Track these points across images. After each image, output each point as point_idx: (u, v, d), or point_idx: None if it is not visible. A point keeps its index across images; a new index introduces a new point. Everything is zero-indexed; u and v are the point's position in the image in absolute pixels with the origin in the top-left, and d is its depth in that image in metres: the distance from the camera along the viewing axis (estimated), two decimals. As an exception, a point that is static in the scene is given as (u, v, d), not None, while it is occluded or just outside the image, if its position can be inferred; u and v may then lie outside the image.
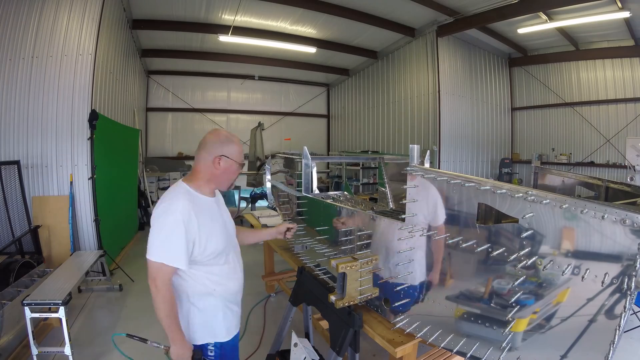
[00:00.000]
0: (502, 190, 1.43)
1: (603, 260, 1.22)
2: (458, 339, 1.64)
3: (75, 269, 3.66)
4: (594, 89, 8.84)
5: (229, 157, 1.66)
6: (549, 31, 8.11)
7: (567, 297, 1.32)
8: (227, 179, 1.73)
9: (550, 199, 1.31)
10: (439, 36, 8.38)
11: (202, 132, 8.38)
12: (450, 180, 1.62)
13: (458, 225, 1.63)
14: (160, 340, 1.72)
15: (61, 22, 4.90)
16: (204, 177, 1.68)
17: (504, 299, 1.47)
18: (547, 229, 1.34)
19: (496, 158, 10.22)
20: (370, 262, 1.92)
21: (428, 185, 1.74)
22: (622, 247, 1.18)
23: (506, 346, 1.46)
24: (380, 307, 2.10)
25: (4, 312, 2.78)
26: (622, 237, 1.18)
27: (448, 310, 1.70)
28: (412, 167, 1.80)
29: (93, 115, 4.79)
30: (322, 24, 8.45)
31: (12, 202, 4.56)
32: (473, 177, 1.56)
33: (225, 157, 1.65)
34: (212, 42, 9.13)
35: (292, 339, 2.08)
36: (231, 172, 1.70)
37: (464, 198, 1.60)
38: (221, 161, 1.65)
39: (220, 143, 1.66)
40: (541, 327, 1.39)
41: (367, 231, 2.14)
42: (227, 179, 1.73)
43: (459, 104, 9.03)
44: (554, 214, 1.31)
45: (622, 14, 6.57)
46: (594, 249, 1.26)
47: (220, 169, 1.66)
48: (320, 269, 2.54)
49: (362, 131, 12.02)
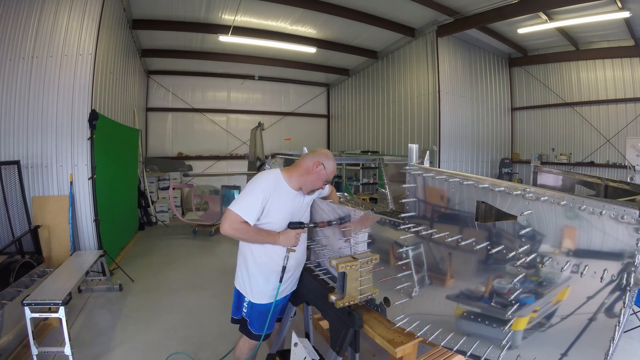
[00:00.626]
0: (500, 187, 1.43)
1: (602, 256, 1.22)
2: (458, 338, 1.64)
3: (75, 269, 3.66)
4: (594, 89, 8.84)
5: (325, 168, 2.06)
6: (549, 31, 8.11)
7: (567, 295, 1.31)
8: (313, 183, 2.09)
9: (549, 195, 1.31)
10: (439, 36, 8.38)
11: (202, 132, 8.42)
12: (449, 179, 1.62)
13: (457, 224, 1.63)
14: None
15: (61, 22, 4.90)
16: (299, 171, 2.08)
17: (503, 297, 1.47)
18: (546, 226, 1.34)
19: (496, 158, 10.22)
20: (370, 262, 1.92)
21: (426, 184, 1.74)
22: (621, 243, 1.17)
23: (506, 344, 1.45)
24: (380, 306, 2.10)
25: (4, 312, 2.77)
26: (620, 233, 1.17)
27: (448, 309, 1.70)
28: (410, 166, 1.80)
29: (93, 115, 4.79)
30: (322, 24, 8.45)
31: (12, 202, 4.56)
32: (471, 175, 1.56)
33: (323, 166, 2.05)
34: (212, 42, 9.13)
35: (292, 339, 2.08)
36: (319, 180, 2.07)
37: (462, 196, 1.60)
38: (319, 167, 2.05)
39: (326, 156, 2.10)
40: (541, 325, 1.39)
41: (367, 231, 2.14)
42: (313, 183, 2.09)
43: (459, 104, 9.03)
44: (552, 211, 1.31)
45: (622, 14, 6.57)
46: (592, 245, 1.26)
47: (314, 172, 2.05)
48: (320, 269, 2.54)
49: (362, 131, 12.02)
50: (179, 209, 9.49)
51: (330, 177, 2.12)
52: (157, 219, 8.67)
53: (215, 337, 3.33)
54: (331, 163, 2.08)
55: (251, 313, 2.16)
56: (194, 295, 4.39)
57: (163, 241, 7.20)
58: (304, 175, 2.07)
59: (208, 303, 4.14)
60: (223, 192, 7.38)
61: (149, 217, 8.51)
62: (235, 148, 12.28)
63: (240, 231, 1.96)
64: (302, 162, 2.11)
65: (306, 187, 2.10)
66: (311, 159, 2.08)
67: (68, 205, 4.75)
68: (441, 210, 1.72)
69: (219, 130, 12.17)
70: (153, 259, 5.89)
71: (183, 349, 3.12)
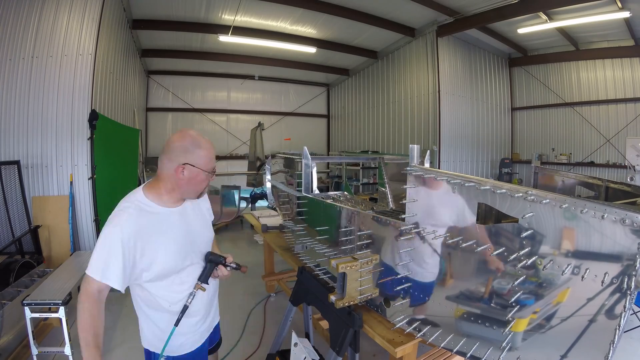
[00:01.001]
0: (502, 190, 1.43)
1: (603, 259, 1.22)
2: (458, 339, 1.64)
3: (75, 269, 3.66)
4: (594, 89, 8.83)
5: (195, 166, 1.44)
6: (549, 31, 8.11)
7: (567, 297, 1.32)
8: (194, 189, 1.52)
9: (550, 198, 1.31)
10: (439, 36, 8.38)
11: (202, 132, 8.34)
12: (450, 180, 1.62)
13: (458, 225, 1.63)
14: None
15: (61, 22, 4.90)
16: (165, 186, 1.49)
17: (504, 298, 1.47)
18: (547, 229, 1.34)
19: (496, 158, 10.22)
20: (370, 262, 1.92)
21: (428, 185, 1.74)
22: (622, 247, 1.18)
23: (506, 346, 1.46)
24: (380, 307, 2.10)
25: (4, 312, 2.78)
26: (622, 236, 1.18)
27: (448, 310, 1.70)
28: (412, 167, 1.80)
29: (93, 115, 4.80)
30: (322, 24, 8.45)
31: (12, 202, 4.56)
32: (472, 176, 1.56)
33: (190, 166, 1.44)
34: (212, 42, 9.12)
35: (292, 339, 2.09)
36: (198, 182, 1.49)
37: (463, 198, 1.60)
38: (185, 170, 1.44)
39: (184, 149, 1.43)
40: (541, 327, 1.39)
41: (367, 231, 2.14)
42: (194, 189, 1.52)
43: (459, 104, 9.03)
44: (554, 214, 1.31)
45: (622, 14, 6.57)
46: (593, 248, 1.26)
47: (185, 178, 1.45)
48: (320, 269, 2.54)
49: (362, 131, 12.02)
50: (179, 209, 9.44)
51: (211, 165, 1.51)
52: (157, 219, 8.64)
53: (215, 337, 3.33)
54: (200, 152, 1.46)
55: None
56: (194, 295, 4.38)
57: (163, 241, 7.18)
58: (175, 190, 1.50)
59: (208, 303, 4.13)
60: (223, 192, 7.38)
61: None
62: (235, 148, 12.29)
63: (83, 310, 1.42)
64: (162, 173, 1.49)
65: (189, 196, 1.57)
66: (169, 166, 1.45)
67: (68, 205, 4.75)
68: (442, 211, 1.72)
69: (219, 130, 12.17)
70: (153, 259, 5.88)
71: (183, 349, 3.12)
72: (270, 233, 4.21)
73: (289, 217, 3.49)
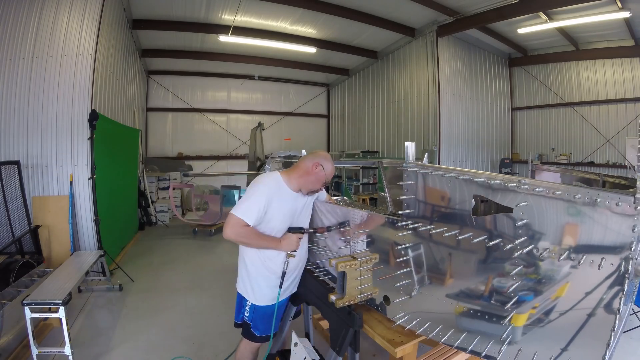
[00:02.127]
0: (496, 180, 1.44)
1: (599, 244, 1.22)
2: (458, 334, 1.64)
3: (75, 269, 3.66)
4: (594, 89, 8.84)
5: (324, 170, 2.08)
6: (549, 31, 8.11)
7: (567, 289, 1.31)
8: (312, 184, 2.11)
9: (544, 187, 1.32)
10: (439, 36, 8.38)
11: (202, 132, 8.42)
12: (445, 174, 1.63)
13: (454, 218, 1.64)
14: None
15: (61, 22, 4.90)
16: (298, 172, 2.11)
17: (503, 293, 1.47)
18: (542, 217, 1.35)
19: (496, 158, 10.22)
20: (370, 261, 1.92)
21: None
22: (617, 230, 1.17)
23: (506, 339, 1.46)
24: (380, 306, 2.10)
25: (4, 312, 2.77)
26: (616, 220, 1.17)
27: (448, 306, 1.70)
28: (407, 164, 1.81)
29: (93, 115, 4.79)
30: (322, 24, 8.45)
31: (12, 202, 4.56)
32: (468, 169, 1.57)
33: (322, 167, 2.08)
34: (212, 42, 9.13)
35: (292, 339, 2.08)
36: (317, 181, 2.10)
37: (459, 191, 1.61)
38: (318, 168, 2.07)
39: (325, 158, 2.13)
40: (541, 320, 1.39)
41: (365, 230, 2.14)
42: (312, 184, 2.11)
43: (459, 104, 9.03)
44: (548, 202, 1.31)
45: (622, 14, 6.57)
46: (589, 234, 1.26)
47: (313, 173, 2.08)
48: (320, 270, 2.54)
49: (362, 131, 12.02)
50: (179, 209, 9.49)
51: (329, 178, 2.15)
52: (157, 219, 8.67)
53: (216, 337, 3.33)
54: (330, 165, 2.11)
55: (254, 317, 2.15)
56: (194, 295, 4.39)
57: (163, 241, 7.20)
58: (304, 177, 2.09)
59: (208, 303, 4.14)
60: (223, 192, 7.38)
61: (149, 217, 8.51)
62: (235, 148, 12.29)
63: (243, 235, 1.96)
64: (301, 163, 2.13)
65: (305, 188, 2.12)
66: (310, 160, 2.10)
67: (68, 205, 4.75)
68: (438, 206, 1.72)
69: (219, 130, 12.17)
70: (153, 259, 5.89)
71: (183, 349, 3.12)
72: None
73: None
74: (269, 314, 2.14)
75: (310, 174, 2.08)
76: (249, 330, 2.17)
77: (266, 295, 2.13)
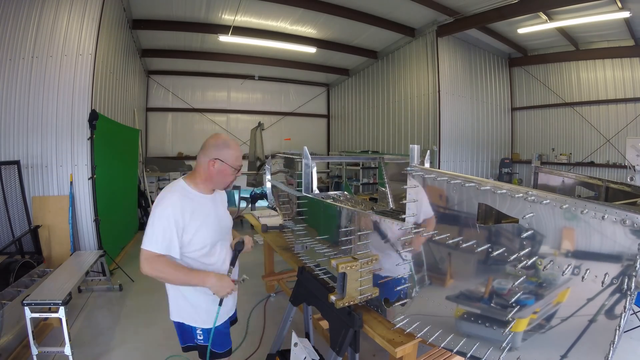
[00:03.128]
0: (502, 190, 1.43)
1: (603, 260, 1.22)
2: (458, 339, 1.64)
3: (75, 269, 3.66)
4: (594, 89, 8.83)
5: (223, 161, 1.79)
6: (549, 31, 8.11)
7: (567, 297, 1.32)
8: (222, 181, 1.86)
9: (551, 199, 1.31)
10: (439, 36, 8.37)
11: (202, 132, 8.44)
12: (451, 180, 1.62)
13: (458, 225, 1.63)
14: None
15: (61, 22, 4.90)
16: (201, 177, 1.84)
17: (504, 299, 1.47)
18: (548, 229, 1.34)
19: (496, 158, 10.22)
20: (371, 262, 1.92)
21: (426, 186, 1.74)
22: (622, 248, 1.18)
23: (506, 346, 1.46)
24: (380, 307, 2.10)
25: (4, 312, 2.78)
26: (622, 237, 1.17)
27: (448, 310, 1.70)
28: (412, 167, 1.80)
29: (93, 115, 4.79)
30: (322, 24, 8.44)
31: (12, 202, 4.56)
32: (473, 177, 1.56)
33: (220, 161, 1.79)
34: (212, 42, 9.12)
35: (292, 339, 2.09)
36: (226, 175, 1.83)
37: (464, 198, 1.60)
38: (215, 164, 1.79)
39: (216, 147, 1.81)
40: (541, 327, 1.39)
41: (367, 231, 2.14)
42: (222, 181, 1.86)
43: (459, 104, 9.03)
44: (554, 214, 1.31)
45: (622, 14, 6.56)
46: (594, 249, 1.26)
47: (215, 171, 1.80)
48: (320, 269, 2.54)
49: (362, 131, 12.01)
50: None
51: (237, 163, 1.85)
52: (157, 219, 8.65)
53: (215, 337, 3.33)
54: (229, 151, 1.81)
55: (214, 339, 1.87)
56: (194, 295, 4.38)
57: (163, 241, 7.19)
58: (208, 179, 1.83)
59: (208, 303, 4.13)
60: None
61: (149, 217, 8.50)
62: (235, 148, 12.27)
63: (162, 271, 1.68)
64: (198, 166, 1.84)
65: (218, 187, 1.91)
66: (204, 159, 1.80)
67: (68, 205, 4.75)
68: (442, 211, 1.72)
69: (219, 130, 12.17)
70: (153, 259, 5.88)
71: (183, 349, 3.12)
72: (270, 233, 4.21)
73: (289, 217, 3.49)
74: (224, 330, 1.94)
75: (212, 175, 1.81)
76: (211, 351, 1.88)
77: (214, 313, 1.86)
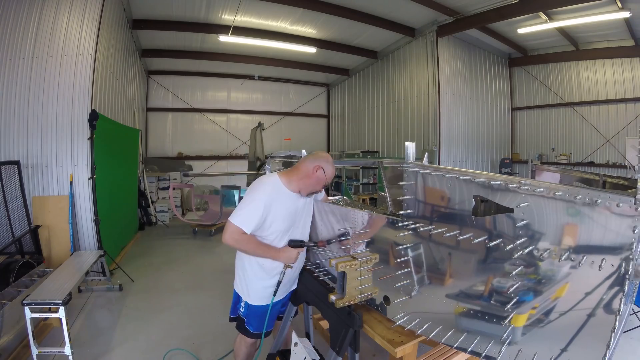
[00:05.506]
0: (497, 181, 1.44)
1: (599, 245, 1.22)
2: (458, 335, 1.64)
3: (75, 269, 3.66)
4: (594, 89, 8.84)
5: (325, 172, 2.08)
6: (549, 31, 8.11)
7: (567, 289, 1.31)
8: (314, 186, 2.11)
9: (544, 187, 1.32)
10: (439, 36, 8.38)
11: (202, 132, 8.43)
12: (446, 174, 1.63)
13: (455, 219, 1.64)
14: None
15: (61, 22, 4.90)
16: (298, 175, 2.10)
17: (503, 293, 1.47)
18: (542, 218, 1.34)
19: (496, 158, 10.22)
20: (370, 261, 1.92)
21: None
22: (618, 231, 1.17)
23: (506, 340, 1.46)
24: (380, 306, 2.10)
25: (4, 312, 2.77)
26: (617, 221, 1.17)
27: (448, 306, 1.70)
28: (407, 164, 1.81)
29: (93, 115, 4.79)
30: (322, 24, 8.45)
31: (12, 202, 4.55)
32: (468, 170, 1.57)
33: (322, 170, 2.07)
34: (212, 42, 9.13)
35: (292, 339, 2.08)
36: (319, 182, 2.10)
37: (459, 191, 1.60)
38: (319, 171, 2.07)
39: (326, 160, 2.12)
40: (541, 321, 1.39)
41: (365, 230, 2.14)
42: (314, 186, 2.11)
43: (459, 104, 9.03)
44: (548, 203, 1.31)
45: (622, 14, 6.57)
46: (589, 234, 1.26)
47: (315, 175, 2.07)
48: (320, 270, 2.54)
49: (362, 131, 12.02)
50: (179, 209, 9.49)
51: (329, 180, 2.14)
52: (157, 219, 8.67)
53: (216, 337, 3.33)
54: (330, 167, 2.11)
55: (248, 313, 2.19)
56: (194, 295, 4.39)
57: (163, 241, 7.20)
58: (304, 179, 2.09)
59: (208, 303, 4.14)
60: (223, 192, 7.38)
61: (149, 217, 8.51)
62: (235, 148, 12.28)
63: (241, 243, 1.98)
64: (301, 165, 2.12)
65: (305, 190, 2.12)
66: (311, 162, 2.09)
67: (68, 205, 4.75)
68: (439, 206, 1.72)
69: (219, 130, 12.17)
70: (153, 259, 5.89)
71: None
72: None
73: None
74: (263, 312, 2.18)
75: (310, 176, 2.07)
76: (243, 325, 2.23)
77: (261, 296, 2.16)
